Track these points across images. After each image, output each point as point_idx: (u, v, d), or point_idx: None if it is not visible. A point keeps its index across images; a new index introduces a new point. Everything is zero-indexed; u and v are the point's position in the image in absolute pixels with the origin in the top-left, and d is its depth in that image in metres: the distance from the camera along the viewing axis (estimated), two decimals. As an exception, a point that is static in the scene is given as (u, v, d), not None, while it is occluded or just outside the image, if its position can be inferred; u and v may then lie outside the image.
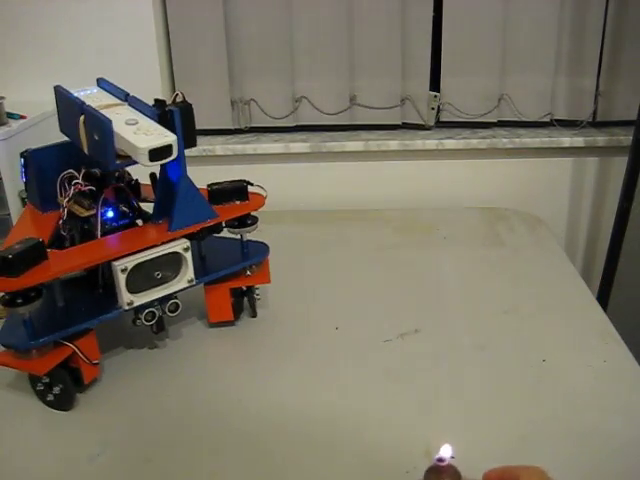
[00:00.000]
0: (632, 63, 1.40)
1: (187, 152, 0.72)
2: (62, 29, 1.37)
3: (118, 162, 0.65)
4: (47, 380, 0.67)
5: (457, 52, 1.41)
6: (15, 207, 1.22)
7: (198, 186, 0.77)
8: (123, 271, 0.68)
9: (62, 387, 0.67)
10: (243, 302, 0.85)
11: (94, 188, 0.73)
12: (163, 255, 0.71)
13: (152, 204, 0.77)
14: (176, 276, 0.73)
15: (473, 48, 1.40)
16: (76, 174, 0.73)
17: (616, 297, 1.41)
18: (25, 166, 0.77)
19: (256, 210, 0.81)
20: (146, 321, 0.72)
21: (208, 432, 0.65)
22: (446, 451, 0.44)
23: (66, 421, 0.67)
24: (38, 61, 1.39)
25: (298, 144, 1.43)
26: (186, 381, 0.74)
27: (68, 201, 0.72)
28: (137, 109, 0.70)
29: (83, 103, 0.67)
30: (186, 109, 0.70)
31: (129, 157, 0.66)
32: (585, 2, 1.36)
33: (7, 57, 1.39)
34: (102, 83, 0.77)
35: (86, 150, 0.68)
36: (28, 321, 0.65)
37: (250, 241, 0.83)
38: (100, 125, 0.63)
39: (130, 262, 0.68)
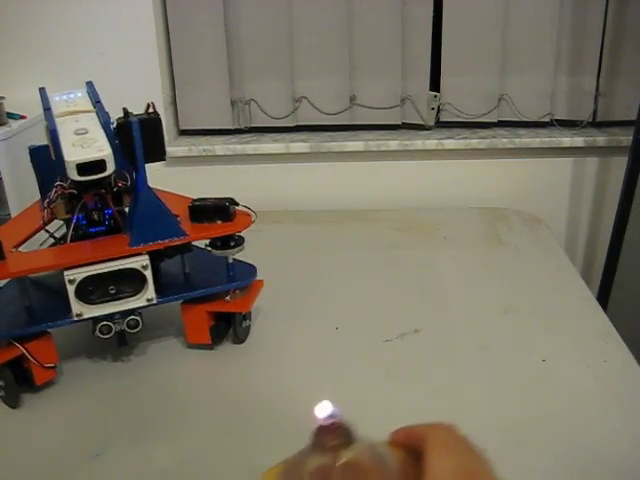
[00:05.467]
0: (632, 63, 1.40)
1: (187, 152, 0.71)
2: (62, 29, 1.37)
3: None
4: None
5: (457, 52, 1.41)
6: (15, 207, 1.22)
7: (194, 189, 0.76)
8: (71, 282, 0.66)
9: (5, 386, 0.68)
10: (228, 328, 0.80)
11: (75, 192, 0.71)
12: (119, 270, 0.68)
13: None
14: (136, 293, 0.70)
15: (473, 48, 1.40)
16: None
17: (616, 297, 1.41)
18: (31, 162, 0.77)
19: (238, 232, 0.76)
20: (101, 334, 0.70)
21: (208, 432, 0.65)
22: (323, 410, 0.37)
23: (66, 421, 0.67)
24: (38, 61, 1.39)
25: (298, 144, 1.43)
26: (179, 386, 0.74)
27: (49, 203, 0.71)
28: (100, 118, 0.69)
29: (47, 108, 0.67)
30: (149, 121, 0.67)
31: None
32: (585, 2, 1.36)
33: (8, 57, 1.39)
34: (88, 87, 0.77)
35: (53, 156, 0.67)
36: None
37: (238, 262, 0.79)
38: (49, 132, 0.64)
39: (80, 274, 0.66)
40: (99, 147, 0.63)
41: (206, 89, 1.43)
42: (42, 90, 0.74)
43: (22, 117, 1.29)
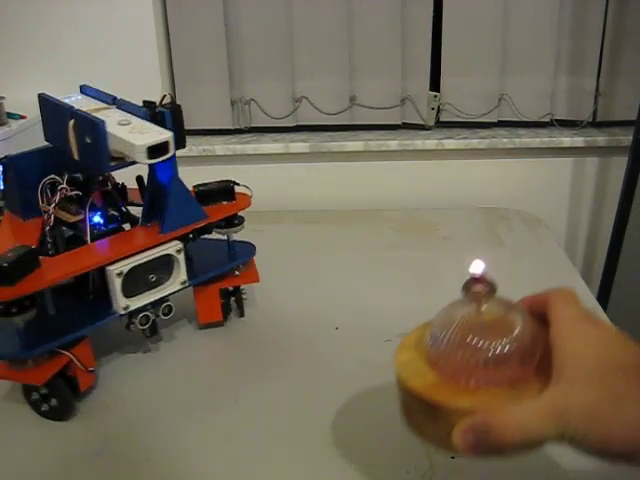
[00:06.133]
0: (632, 63, 1.40)
1: (187, 152, 0.72)
2: (62, 29, 1.37)
3: (112, 164, 0.64)
4: (45, 391, 0.66)
5: (457, 52, 1.41)
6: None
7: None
8: (119, 275, 0.67)
9: (60, 397, 0.67)
10: (230, 302, 0.85)
11: (80, 193, 0.72)
12: (157, 258, 0.70)
13: (136, 208, 0.77)
14: (169, 278, 0.73)
15: (473, 48, 1.40)
16: (59, 179, 0.72)
17: (616, 297, 1.41)
18: (4, 172, 0.75)
19: (243, 210, 0.81)
20: (141, 325, 0.71)
21: (208, 433, 0.65)
22: (477, 267, 0.48)
23: (66, 421, 0.67)
24: (38, 61, 1.39)
25: (298, 144, 1.43)
26: (183, 382, 0.74)
27: (54, 207, 0.71)
28: (127, 111, 0.69)
29: (72, 107, 0.67)
30: (176, 110, 0.70)
31: (122, 159, 0.65)
32: (585, 2, 1.36)
33: (7, 57, 1.40)
34: (85, 90, 0.76)
35: (77, 156, 0.67)
36: (22, 331, 0.64)
37: (235, 241, 0.83)
38: (93, 127, 0.63)
39: (125, 266, 0.67)
40: (158, 131, 0.64)
41: (206, 89, 1.43)
42: (43, 95, 0.73)
43: (22, 117, 1.29)
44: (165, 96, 0.70)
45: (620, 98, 1.42)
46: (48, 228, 0.71)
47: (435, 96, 1.45)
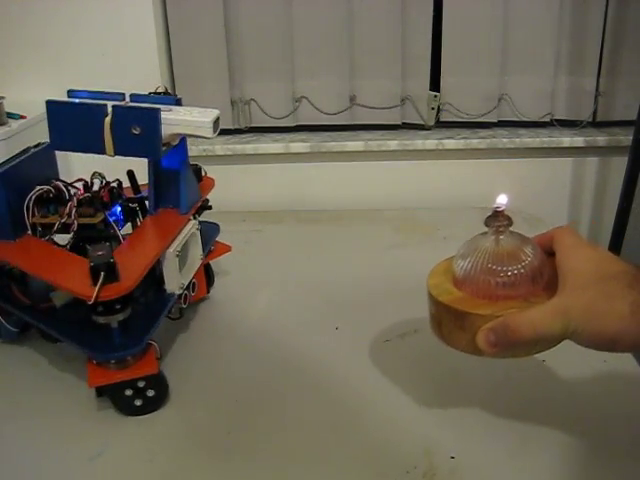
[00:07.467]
0: (632, 63, 1.40)
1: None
2: (62, 29, 1.37)
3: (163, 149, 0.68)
4: (142, 384, 0.66)
5: (457, 52, 1.41)
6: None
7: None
8: (177, 255, 0.69)
9: (162, 385, 0.68)
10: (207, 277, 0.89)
11: (90, 195, 0.72)
12: (189, 237, 0.74)
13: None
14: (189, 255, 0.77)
15: (473, 48, 1.40)
16: (51, 188, 0.72)
17: (616, 297, 1.41)
18: None
19: (211, 190, 0.85)
20: (184, 304, 0.73)
21: (210, 433, 0.65)
22: (502, 200, 0.59)
23: (66, 421, 0.67)
24: (38, 61, 1.39)
25: (298, 144, 1.43)
26: (185, 378, 0.74)
27: (76, 212, 0.71)
28: (151, 102, 0.71)
29: (106, 104, 0.67)
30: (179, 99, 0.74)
31: (167, 144, 0.69)
32: (585, 2, 1.36)
33: (7, 57, 1.39)
34: (77, 93, 0.74)
35: (113, 152, 0.67)
36: (115, 330, 0.65)
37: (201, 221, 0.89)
38: (147, 116, 0.65)
39: (178, 246, 0.70)
40: (203, 110, 0.69)
41: (206, 89, 1.43)
42: (52, 100, 0.71)
43: (22, 117, 1.29)
44: (159, 87, 0.75)
45: (620, 98, 1.42)
46: (72, 234, 0.71)
47: (435, 96, 1.45)
